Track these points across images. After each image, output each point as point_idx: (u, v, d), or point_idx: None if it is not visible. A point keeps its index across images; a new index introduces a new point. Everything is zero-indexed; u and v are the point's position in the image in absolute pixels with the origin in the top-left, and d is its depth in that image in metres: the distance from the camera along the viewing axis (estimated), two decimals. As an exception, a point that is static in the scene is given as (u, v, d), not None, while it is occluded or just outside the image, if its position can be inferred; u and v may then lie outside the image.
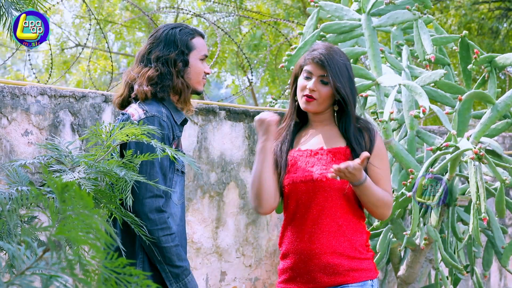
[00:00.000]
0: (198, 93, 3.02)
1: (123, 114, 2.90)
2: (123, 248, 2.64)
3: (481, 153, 3.61)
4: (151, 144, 2.57)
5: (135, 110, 2.86)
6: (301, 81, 2.87)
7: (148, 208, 2.72)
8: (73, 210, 1.61)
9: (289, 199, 2.86)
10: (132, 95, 2.92)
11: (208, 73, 3.00)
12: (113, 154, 2.63)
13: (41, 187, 2.45)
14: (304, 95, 2.85)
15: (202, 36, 3.02)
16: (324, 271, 2.77)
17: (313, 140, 2.90)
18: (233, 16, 11.65)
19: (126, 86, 2.95)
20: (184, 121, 2.99)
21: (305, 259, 2.80)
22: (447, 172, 3.96)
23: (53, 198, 2.02)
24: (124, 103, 2.95)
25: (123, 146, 2.75)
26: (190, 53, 2.94)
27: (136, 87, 2.89)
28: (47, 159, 2.56)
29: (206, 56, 2.99)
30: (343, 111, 2.88)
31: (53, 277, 1.60)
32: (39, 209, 2.56)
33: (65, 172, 2.44)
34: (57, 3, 5.88)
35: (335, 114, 2.92)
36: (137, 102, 2.89)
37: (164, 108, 2.87)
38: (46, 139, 3.75)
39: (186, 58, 2.92)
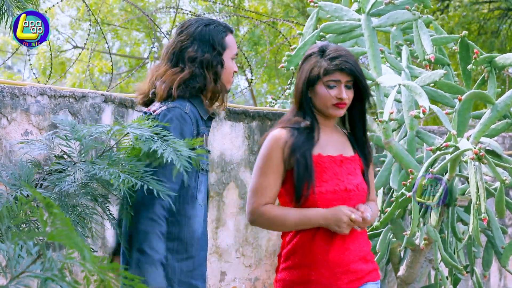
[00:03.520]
0: (226, 92, 2.88)
1: (145, 113, 2.78)
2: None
3: (481, 153, 3.61)
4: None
5: (156, 107, 2.74)
6: (324, 90, 2.80)
7: (152, 205, 2.59)
8: (58, 224, 1.62)
9: (319, 207, 2.77)
10: (151, 93, 2.79)
11: (236, 71, 2.87)
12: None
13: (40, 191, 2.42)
14: (337, 104, 2.80)
15: (232, 32, 2.88)
16: (350, 277, 2.76)
17: (331, 146, 2.87)
18: (231, 16, 11.65)
19: (151, 84, 2.80)
20: (212, 115, 2.85)
21: (333, 267, 2.75)
22: (447, 172, 3.96)
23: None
24: (149, 102, 2.83)
25: None
26: (224, 53, 2.80)
27: (161, 85, 2.74)
28: (54, 145, 2.51)
29: (237, 55, 2.87)
30: (355, 115, 2.90)
31: (49, 279, 1.61)
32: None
33: (65, 173, 2.40)
34: (57, 3, 5.88)
35: (346, 118, 2.93)
36: (162, 102, 2.74)
37: (189, 103, 2.73)
38: (46, 139, 3.74)
39: (221, 58, 2.79)
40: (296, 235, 2.79)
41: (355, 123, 2.91)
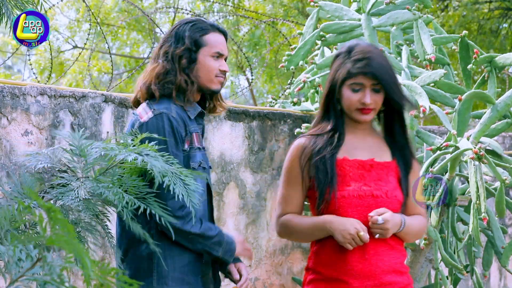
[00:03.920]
0: (213, 92, 2.89)
1: (134, 114, 2.86)
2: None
3: (481, 153, 3.61)
4: (164, 146, 2.48)
5: (143, 110, 2.81)
6: (348, 94, 2.65)
7: (172, 208, 2.64)
8: (59, 230, 1.62)
9: (340, 212, 2.64)
10: (138, 95, 2.88)
11: (224, 71, 2.86)
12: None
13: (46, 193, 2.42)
14: (361, 109, 2.65)
15: (221, 32, 2.89)
16: None
17: (361, 150, 2.70)
18: (231, 16, 11.65)
19: (139, 85, 2.89)
20: (201, 114, 2.89)
21: (365, 279, 2.61)
22: (447, 172, 3.96)
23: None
24: (139, 102, 2.90)
25: None
26: (200, 50, 2.83)
27: (143, 83, 2.84)
28: (57, 160, 2.50)
29: (221, 54, 2.86)
30: (392, 118, 2.73)
31: (48, 283, 1.60)
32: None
33: (68, 186, 2.38)
34: (57, 3, 5.87)
35: (381, 121, 2.76)
36: (146, 101, 2.83)
37: (174, 104, 2.79)
38: (46, 139, 3.74)
39: (194, 55, 2.82)
40: (325, 245, 2.67)
41: (391, 126, 2.73)
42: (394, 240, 2.68)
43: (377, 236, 2.60)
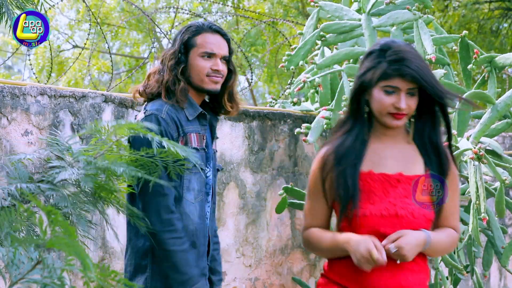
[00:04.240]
0: (209, 92, 2.89)
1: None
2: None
3: (480, 153, 3.61)
4: (147, 139, 2.46)
5: (141, 112, 2.89)
6: (380, 96, 2.44)
7: (155, 206, 2.66)
8: (59, 232, 1.62)
9: (361, 231, 2.44)
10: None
11: (216, 70, 2.84)
12: (121, 150, 2.54)
13: (39, 184, 2.43)
14: (393, 114, 2.44)
15: (215, 31, 2.89)
16: None
17: (388, 162, 2.49)
18: (231, 16, 11.64)
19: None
20: (202, 116, 2.88)
21: None
22: (447, 172, 3.95)
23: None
24: None
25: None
26: (190, 51, 2.85)
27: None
28: (46, 154, 2.53)
29: (211, 53, 2.85)
30: (431, 122, 2.52)
31: (47, 286, 1.61)
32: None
33: (64, 168, 2.40)
34: (57, 3, 5.87)
35: (414, 126, 2.54)
36: (145, 103, 2.91)
37: (167, 105, 2.81)
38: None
39: (183, 56, 2.85)
40: (344, 257, 2.49)
41: (428, 129, 2.52)
42: (418, 256, 2.49)
43: (398, 261, 2.41)
